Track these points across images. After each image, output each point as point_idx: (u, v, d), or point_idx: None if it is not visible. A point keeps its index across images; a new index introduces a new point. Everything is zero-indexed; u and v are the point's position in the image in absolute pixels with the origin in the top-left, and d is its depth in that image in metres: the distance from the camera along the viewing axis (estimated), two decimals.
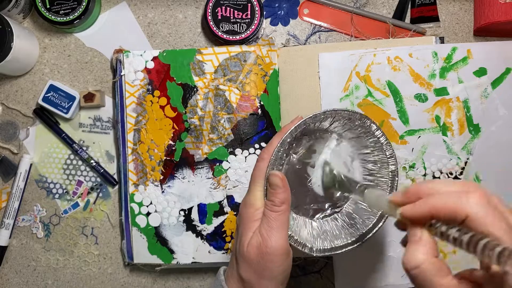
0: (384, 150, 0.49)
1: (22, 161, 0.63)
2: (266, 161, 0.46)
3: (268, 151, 0.46)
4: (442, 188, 0.34)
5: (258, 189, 0.45)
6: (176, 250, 0.61)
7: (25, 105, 0.65)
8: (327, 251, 0.49)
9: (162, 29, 0.65)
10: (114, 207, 0.64)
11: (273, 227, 0.42)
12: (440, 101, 0.60)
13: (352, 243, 0.49)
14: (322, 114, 0.46)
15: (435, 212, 0.33)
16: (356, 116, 0.47)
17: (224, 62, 0.61)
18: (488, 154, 0.60)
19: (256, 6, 0.61)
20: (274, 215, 0.43)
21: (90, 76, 0.65)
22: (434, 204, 0.33)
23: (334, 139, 0.51)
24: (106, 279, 0.64)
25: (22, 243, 0.64)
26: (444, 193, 0.33)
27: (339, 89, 0.61)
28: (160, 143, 0.61)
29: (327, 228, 0.51)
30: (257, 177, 0.46)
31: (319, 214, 0.52)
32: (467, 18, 0.64)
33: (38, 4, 0.61)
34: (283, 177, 0.44)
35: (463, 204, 0.32)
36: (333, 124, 0.49)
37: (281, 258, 0.42)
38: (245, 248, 0.43)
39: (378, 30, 0.63)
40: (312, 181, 0.51)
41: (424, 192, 0.35)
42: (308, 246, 0.48)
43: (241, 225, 0.45)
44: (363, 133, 0.49)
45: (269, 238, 0.42)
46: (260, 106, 0.60)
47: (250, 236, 0.43)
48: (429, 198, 0.34)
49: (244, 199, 0.47)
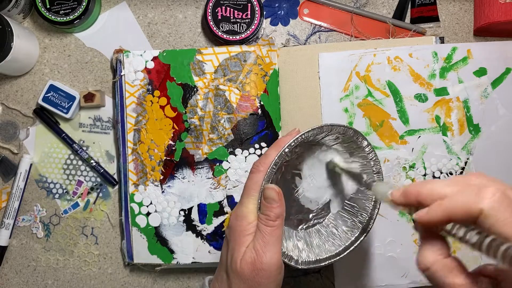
0: (371, 166, 0.49)
1: (22, 161, 0.63)
2: (262, 174, 0.44)
3: (264, 163, 0.45)
4: (441, 188, 0.33)
5: (251, 202, 0.44)
6: (176, 250, 0.61)
7: (25, 105, 0.65)
8: (311, 263, 0.48)
9: (162, 29, 0.65)
10: (114, 207, 0.64)
11: (267, 242, 0.42)
12: (440, 101, 0.60)
13: (335, 255, 0.49)
14: (319, 128, 0.46)
15: (451, 214, 0.32)
16: (349, 131, 0.47)
17: (224, 62, 0.61)
18: (488, 154, 0.60)
19: (256, 6, 0.61)
20: (269, 230, 0.42)
21: (90, 76, 0.65)
22: (448, 206, 0.32)
23: (324, 151, 0.51)
24: (106, 279, 0.64)
25: (22, 243, 0.64)
26: (457, 193, 0.32)
27: (339, 89, 0.61)
28: (160, 143, 0.61)
29: (311, 240, 0.51)
30: (251, 189, 0.44)
31: (303, 225, 0.52)
32: (467, 18, 0.64)
33: (38, 4, 0.61)
34: (279, 191, 0.43)
35: (476, 200, 0.30)
36: (326, 137, 0.50)
37: (275, 273, 0.42)
38: (239, 264, 0.42)
39: (378, 30, 0.63)
40: (298, 192, 0.51)
41: (423, 194, 0.34)
42: (294, 259, 0.47)
43: (232, 239, 0.44)
44: (354, 148, 0.50)
45: (264, 254, 0.41)
46: (260, 106, 0.60)
47: (243, 251, 0.42)
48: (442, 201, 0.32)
49: (236, 210, 0.45)
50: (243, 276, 0.42)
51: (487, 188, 0.31)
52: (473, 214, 0.30)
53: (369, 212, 0.50)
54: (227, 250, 0.45)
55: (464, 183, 0.33)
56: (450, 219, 0.32)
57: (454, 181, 0.33)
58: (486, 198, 0.30)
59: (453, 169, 0.60)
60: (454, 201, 0.32)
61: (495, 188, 0.31)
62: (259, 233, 0.42)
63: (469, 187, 0.32)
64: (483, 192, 0.31)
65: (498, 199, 0.30)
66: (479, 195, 0.31)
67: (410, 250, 0.59)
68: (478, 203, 0.30)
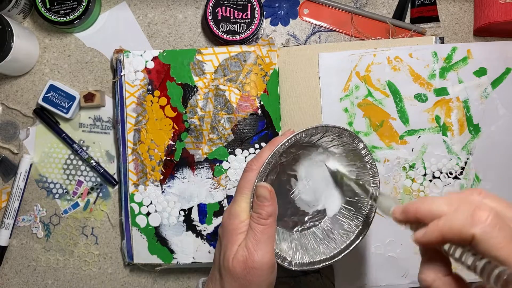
0: (368, 168, 0.49)
1: (22, 161, 0.63)
2: (255, 172, 0.45)
3: (257, 162, 0.45)
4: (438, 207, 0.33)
5: (244, 200, 0.44)
6: (176, 250, 0.61)
7: (25, 105, 0.65)
8: (305, 265, 0.48)
9: (162, 29, 0.65)
10: (114, 207, 0.64)
11: (259, 240, 0.42)
12: (440, 101, 0.60)
13: (330, 258, 0.49)
14: (313, 129, 0.46)
15: (446, 236, 0.31)
16: (345, 133, 0.47)
17: (224, 62, 0.61)
18: (488, 154, 0.60)
19: (256, 6, 0.61)
20: (261, 228, 0.42)
21: (90, 76, 0.65)
22: (442, 228, 0.32)
23: (320, 153, 0.51)
24: (106, 279, 0.64)
25: (22, 243, 0.64)
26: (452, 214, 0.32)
27: (339, 89, 0.61)
28: (160, 143, 0.61)
29: (306, 242, 0.51)
30: (244, 188, 0.45)
31: (298, 227, 0.52)
32: (467, 18, 0.64)
33: (38, 4, 0.61)
34: (271, 189, 0.44)
35: (468, 224, 0.30)
36: (321, 139, 0.49)
37: (267, 272, 0.42)
38: (230, 263, 0.42)
39: (378, 30, 0.63)
40: (294, 193, 0.51)
41: (421, 212, 0.34)
42: (287, 260, 0.47)
43: (225, 237, 0.44)
44: (350, 150, 0.50)
45: (255, 252, 0.41)
46: (260, 106, 0.60)
47: (235, 249, 0.42)
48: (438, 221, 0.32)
49: (229, 209, 0.45)
50: (235, 274, 0.42)
51: (480, 210, 0.30)
52: (466, 238, 0.30)
53: (365, 215, 0.50)
54: (220, 248, 0.45)
55: (460, 201, 0.32)
56: (445, 241, 0.32)
57: (451, 199, 0.33)
58: (478, 223, 0.30)
59: (453, 169, 0.60)
60: (448, 223, 0.31)
61: (488, 211, 0.30)
62: (251, 232, 0.42)
63: (464, 206, 0.32)
64: (476, 215, 0.30)
65: (491, 223, 0.30)
66: (472, 218, 0.30)
67: (410, 250, 0.59)
68: (470, 227, 0.30)
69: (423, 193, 0.60)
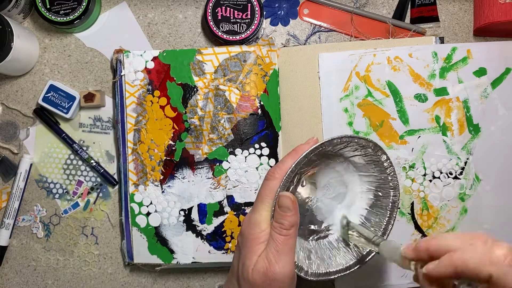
0: (389, 181, 0.49)
1: (22, 161, 0.63)
2: (278, 181, 0.43)
3: (280, 170, 0.44)
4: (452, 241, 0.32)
5: (265, 209, 0.43)
6: (176, 250, 0.61)
7: (25, 105, 0.65)
8: (321, 275, 0.48)
9: (162, 29, 0.65)
10: (114, 207, 0.64)
11: (281, 252, 0.41)
12: (440, 101, 0.60)
13: (345, 269, 0.49)
14: (339, 139, 0.45)
15: (459, 271, 0.31)
16: (369, 144, 0.47)
17: (224, 62, 0.61)
18: (488, 154, 0.60)
19: (256, 6, 0.61)
20: (282, 239, 0.41)
21: (90, 76, 0.65)
22: (456, 261, 0.31)
23: (341, 162, 0.51)
24: (106, 279, 0.64)
25: (22, 243, 0.64)
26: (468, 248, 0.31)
27: (339, 89, 0.61)
28: (160, 143, 0.61)
29: (322, 251, 0.50)
30: (266, 196, 0.43)
31: (314, 235, 0.51)
32: (467, 18, 0.64)
33: (38, 4, 0.61)
34: (294, 199, 0.42)
35: (486, 262, 0.30)
36: (344, 148, 0.49)
37: (288, 284, 0.41)
38: (250, 274, 0.41)
39: (378, 30, 0.63)
40: (312, 201, 0.51)
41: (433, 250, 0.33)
42: (304, 270, 0.47)
43: (244, 247, 0.43)
44: (371, 161, 0.49)
45: (276, 263, 0.40)
46: (260, 106, 0.60)
47: (255, 260, 0.41)
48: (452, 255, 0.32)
49: (249, 217, 0.44)
50: (255, 285, 0.41)
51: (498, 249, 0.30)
52: (483, 277, 0.30)
53: (383, 227, 0.49)
54: (238, 257, 0.44)
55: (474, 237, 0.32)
56: (457, 276, 0.31)
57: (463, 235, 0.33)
58: (497, 263, 0.29)
59: (453, 169, 0.60)
60: (463, 257, 0.31)
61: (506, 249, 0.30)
62: (272, 242, 0.41)
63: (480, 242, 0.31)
64: (493, 253, 0.30)
65: (509, 263, 0.29)
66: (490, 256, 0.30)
67: None
68: (488, 266, 0.29)
69: (423, 193, 0.60)
